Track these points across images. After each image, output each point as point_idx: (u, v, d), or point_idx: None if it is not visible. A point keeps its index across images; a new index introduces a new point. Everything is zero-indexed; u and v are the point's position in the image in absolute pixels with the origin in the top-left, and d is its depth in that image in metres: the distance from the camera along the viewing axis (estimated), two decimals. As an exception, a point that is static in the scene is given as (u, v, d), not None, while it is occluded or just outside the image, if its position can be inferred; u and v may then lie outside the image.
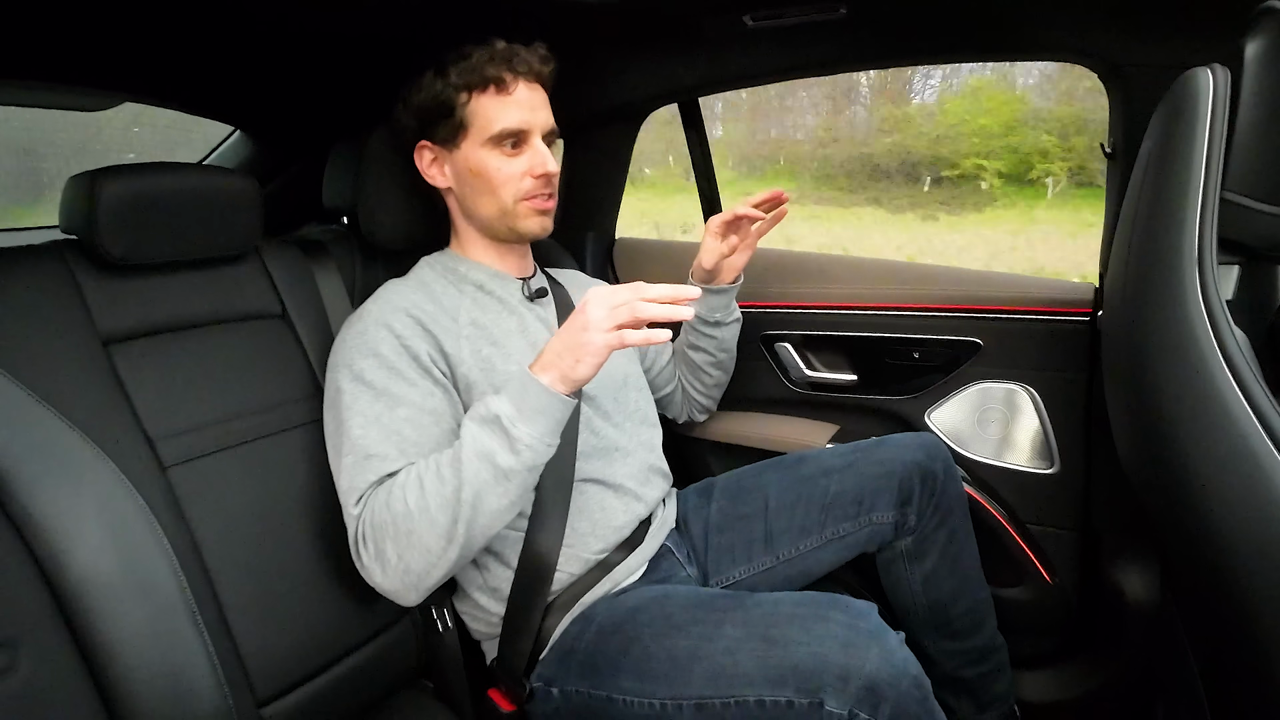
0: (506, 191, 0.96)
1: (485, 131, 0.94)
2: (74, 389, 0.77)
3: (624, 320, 0.77)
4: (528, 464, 0.78)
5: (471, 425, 0.80)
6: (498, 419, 0.78)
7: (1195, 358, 0.63)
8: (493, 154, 0.95)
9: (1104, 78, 1.11)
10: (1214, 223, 0.66)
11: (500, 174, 0.96)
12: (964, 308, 1.27)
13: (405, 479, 0.80)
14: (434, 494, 0.78)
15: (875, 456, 1.08)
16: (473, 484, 0.77)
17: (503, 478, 0.78)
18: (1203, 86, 0.69)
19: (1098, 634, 1.25)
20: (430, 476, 0.79)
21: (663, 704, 0.80)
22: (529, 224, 0.99)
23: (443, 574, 0.81)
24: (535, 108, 0.96)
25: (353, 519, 0.83)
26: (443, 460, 0.79)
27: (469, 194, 0.99)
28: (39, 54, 1.05)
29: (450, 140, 0.97)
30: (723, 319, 1.21)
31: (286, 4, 0.94)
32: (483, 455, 0.77)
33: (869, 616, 0.76)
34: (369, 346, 0.88)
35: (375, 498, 0.81)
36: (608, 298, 0.78)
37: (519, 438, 0.77)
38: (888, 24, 1.14)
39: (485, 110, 0.94)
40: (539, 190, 0.97)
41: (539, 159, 0.96)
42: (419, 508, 0.77)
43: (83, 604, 0.71)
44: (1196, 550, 0.66)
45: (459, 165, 0.98)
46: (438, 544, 0.78)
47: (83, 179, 0.83)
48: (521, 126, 0.95)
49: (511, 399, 0.79)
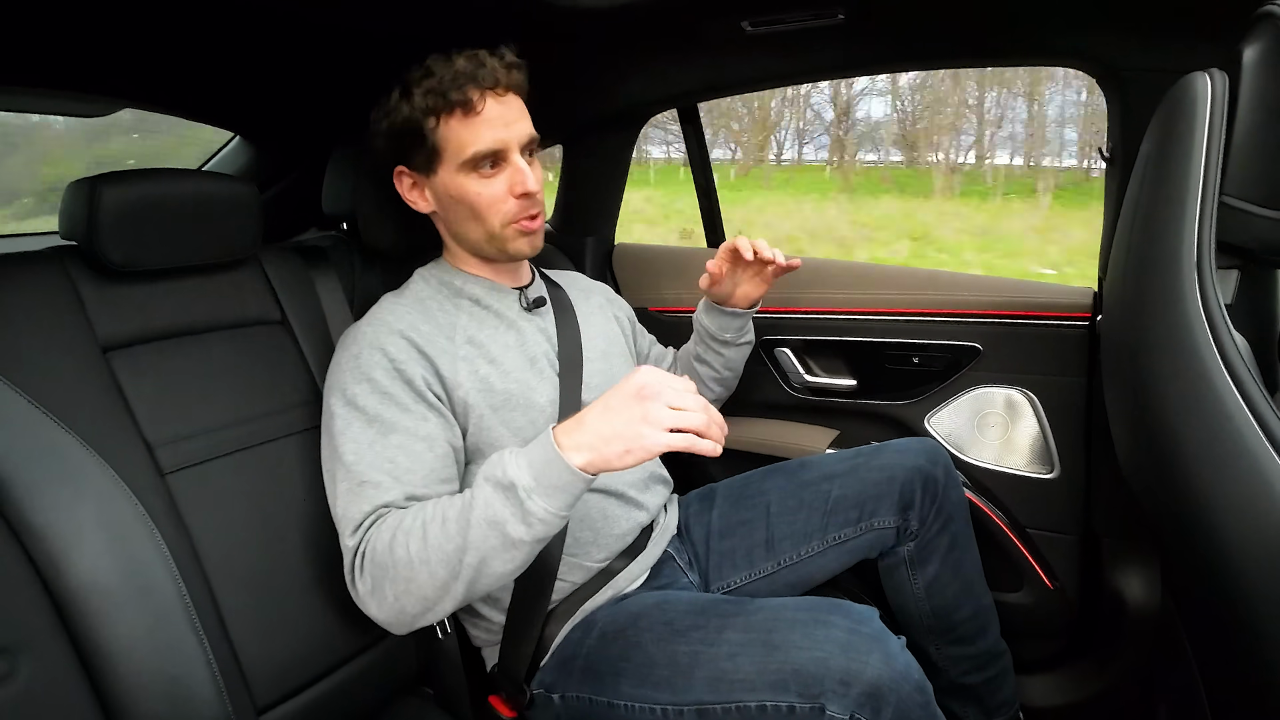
0: (492, 216, 0.93)
1: (459, 156, 0.90)
2: (73, 395, 0.77)
3: (686, 427, 0.71)
4: (538, 536, 0.75)
5: (486, 488, 0.75)
6: (514, 488, 0.73)
7: (1195, 362, 0.63)
8: (470, 178, 0.91)
9: (1102, 81, 1.11)
10: (1212, 227, 0.66)
11: (482, 198, 0.92)
12: (963, 312, 1.28)
13: (410, 524, 0.77)
14: (436, 548, 0.75)
15: (876, 462, 1.07)
16: (478, 548, 0.74)
17: (510, 546, 0.74)
18: (1201, 91, 0.69)
19: (1099, 638, 1.24)
20: (435, 528, 0.75)
21: (664, 709, 0.80)
22: (518, 245, 0.96)
23: (438, 617, 0.80)
24: (509, 122, 0.91)
25: (349, 549, 0.81)
26: (449, 513, 0.76)
27: (454, 219, 0.96)
28: (39, 60, 1.06)
29: (426, 166, 0.94)
30: (733, 339, 1.18)
31: (285, 10, 0.95)
32: (493, 522, 0.73)
33: (870, 621, 0.76)
34: (362, 371, 0.87)
35: (377, 536, 0.78)
36: (675, 395, 0.72)
37: (533, 511, 0.72)
38: (886, 29, 1.14)
39: (456, 135, 0.90)
40: (524, 211, 0.94)
41: (519, 178, 0.92)
42: (420, 559, 0.75)
43: (82, 610, 0.71)
44: (1197, 554, 0.66)
45: (439, 191, 0.95)
46: (435, 594, 0.77)
47: (83, 185, 0.83)
48: (496, 146, 0.90)
49: (532, 469, 0.73)
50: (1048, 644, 1.29)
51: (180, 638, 0.75)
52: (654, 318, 1.53)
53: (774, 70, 1.31)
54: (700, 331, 1.20)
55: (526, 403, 0.94)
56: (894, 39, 1.17)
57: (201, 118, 1.44)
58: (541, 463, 0.73)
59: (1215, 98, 0.68)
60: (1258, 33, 0.67)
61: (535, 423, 0.94)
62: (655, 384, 0.73)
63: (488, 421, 0.91)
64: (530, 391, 0.95)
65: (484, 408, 0.91)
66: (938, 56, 1.23)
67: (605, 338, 1.10)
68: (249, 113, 1.43)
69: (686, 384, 0.74)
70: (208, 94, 1.32)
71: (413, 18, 1.01)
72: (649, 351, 1.25)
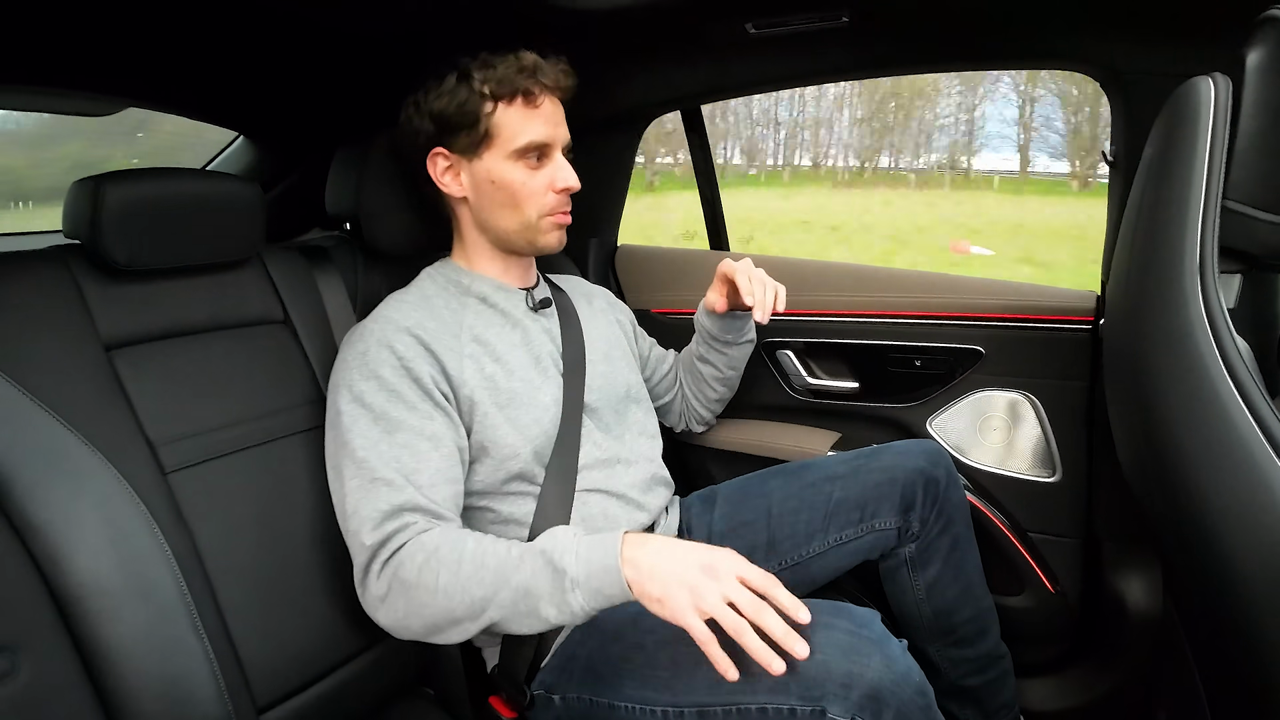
0: (531, 206, 0.96)
1: (511, 144, 0.93)
2: (76, 394, 0.77)
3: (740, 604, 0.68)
4: (564, 622, 0.75)
5: (537, 559, 0.75)
6: (562, 574, 0.73)
7: (1197, 366, 0.63)
8: (516, 167, 0.94)
9: (1106, 85, 1.11)
10: (1215, 231, 0.66)
11: (525, 188, 0.95)
12: (965, 315, 1.28)
13: (447, 554, 0.77)
14: (464, 590, 0.75)
15: (878, 463, 1.07)
16: (504, 607, 0.75)
17: (535, 617, 0.75)
18: (1204, 95, 0.69)
19: (1100, 642, 1.24)
20: (470, 569, 0.76)
21: (665, 711, 0.80)
22: (549, 238, 0.99)
23: (434, 641, 0.80)
24: (558, 122, 0.96)
25: (365, 547, 0.80)
26: (490, 560, 0.76)
27: (488, 205, 0.97)
28: (44, 59, 1.06)
29: (470, 150, 0.95)
30: (734, 339, 1.20)
31: (290, 10, 0.95)
32: (529, 593, 0.74)
33: (872, 624, 0.76)
34: (370, 368, 0.87)
35: (409, 554, 0.78)
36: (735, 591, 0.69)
37: (571, 604, 0.73)
38: (890, 32, 1.14)
39: (512, 122, 0.93)
40: (561, 206, 0.98)
41: (563, 174, 0.96)
42: (445, 592, 0.76)
43: (83, 609, 0.71)
44: (1198, 558, 0.66)
45: (479, 176, 0.96)
46: (445, 624, 0.78)
47: (87, 184, 0.83)
48: (547, 140, 0.95)
49: (587, 567, 0.73)
50: (1048, 647, 1.28)
51: (181, 637, 0.75)
52: (656, 319, 1.53)
53: (777, 72, 1.31)
54: (702, 332, 1.21)
55: (531, 401, 0.94)
56: (897, 41, 1.17)
57: (205, 117, 1.45)
58: (599, 567, 0.72)
59: (1218, 102, 0.68)
60: (1261, 36, 0.67)
61: (539, 421, 0.94)
62: (726, 570, 0.70)
63: (493, 419, 0.91)
64: (535, 390, 0.95)
65: (489, 405, 0.91)
66: (941, 59, 1.23)
67: (607, 340, 1.10)
68: (253, 112, 1.44)
69: (768, 581, 0.71)
70: (212, 93, 1.32)
71: (415, 19, 1.01)
72: (649, 354, 1.26)
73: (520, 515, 0.93)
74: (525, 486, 0.94)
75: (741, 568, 0.71)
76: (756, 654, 0.67)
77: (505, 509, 0.93)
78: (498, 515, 0.93)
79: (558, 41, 0.99)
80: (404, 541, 0.79)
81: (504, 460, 0.91)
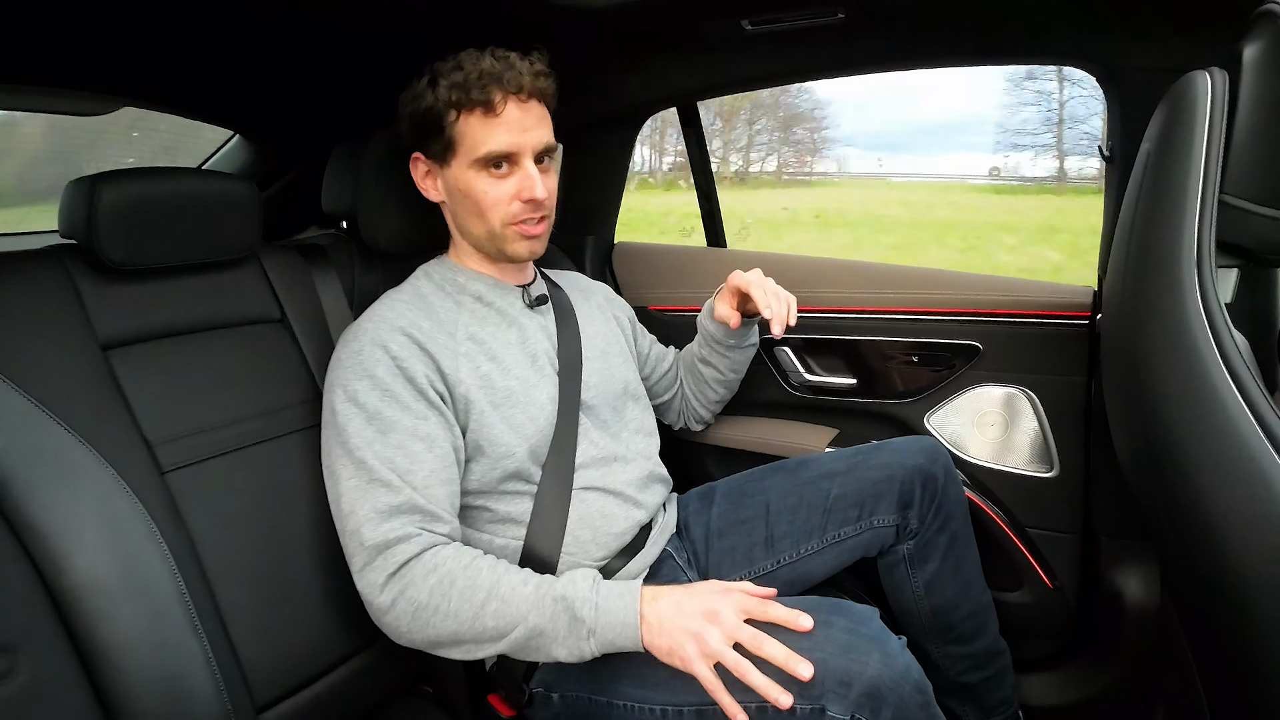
0: (494, 215, 0.94)
1: (472, 153, 0.91)
2: (72, 394, 0.77)
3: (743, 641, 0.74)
4: (570, 661, 0.78)
5: (557, 603, 0.77)
6: (581, 624, 0.76)
7: (1194, 361, 0.63)
8: (480, 176, 0.92)
9: (1102, 80, 1.11)
10: (1212, 226, 0.66)
11: (488, 197, 0.93)
12: (963, 311, 1.28)
13: (463, 583, 0.79)
14: (474, 619, 0.77)
15: (876, 460, 1.08)
16: (514, 641, 0.78)
17: (541, 655, 0.78)
18: (1201, 90, 0.69)
19: (1098, 637, 1.24)
20: (482, 594, 0.78)
21: (663, 710, 0.80)
22: (516, 248, 0.96)
23: (433, 652, 0.82)
24: (527, 128, 0.92)
25: (363, 548, 0.80)
26: (508, 593, 0.78)
27: (460, 212, 0.97)
28: (39, 59, 1.06)
29: (441, 157, 0.94)
30: (739, 344, 1.20)
31: (285, 8, 0.95)
32: (542, 634, 0.77)
33: (870, 621, 0.76)
34: (364, 368, 0.87)
35: (423, 575, 0.79)
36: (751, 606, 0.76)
37: (583, 650, 0.77)
38: (886, 28, 1.14)
39: (473, 131, 0.91)
40: (527, 215, 0.94)
41: (527, 183, 0.92)
42: (457, 616, 0.78)
43: (81, 608, 0.71)
44: (1196, 553, 0.66)
45: (450, 182, 0.95)
46: (447, 641, 0.80)
47: (82, 183, 0.83)
48: (509, 149, 0.91)
49: (604, 618, 0.76)
50: (1046, 643, 1.29)
51: (180, 636, 0.75)
52: (654, 316, 1.53)
53: (773, 69, 1.31)
54: (705, 335, 1.21)
55: (527, 400, 0.94)
56: (893, 38, 1.17)
57: (202, 116, 1.44)
58: (617, 621, 0.76)
59: (1215, 97, 0.68)
60: (1258, 31, 0.67)
61: (535, 420, 0.94)
62: (728, 613, 0.75)
63: (488, 418, 0.91)
64: (531, 389, 0.95)
65: (485, 404, 0.91)
66: (937, 56, 1.23)
67: (605, 337, 1.10)
68: (249, 111, 1.43)
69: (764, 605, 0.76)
70: (208, 92, 1.32)
71: (411, 17, 1.01)
72: (649, 351, 1.25)
73: (517, 514, 0.93)
74: (522, 485, 0.94)
75: (745, 603, 0.76)
76: (762, 691, 0.71)
77: (502, 508, 0.93)
78: (495, 514, 0.93)
79: (554, 39, 0.99)
80: (410, 556, 0.80)
81: (500, 459, 0.91)
